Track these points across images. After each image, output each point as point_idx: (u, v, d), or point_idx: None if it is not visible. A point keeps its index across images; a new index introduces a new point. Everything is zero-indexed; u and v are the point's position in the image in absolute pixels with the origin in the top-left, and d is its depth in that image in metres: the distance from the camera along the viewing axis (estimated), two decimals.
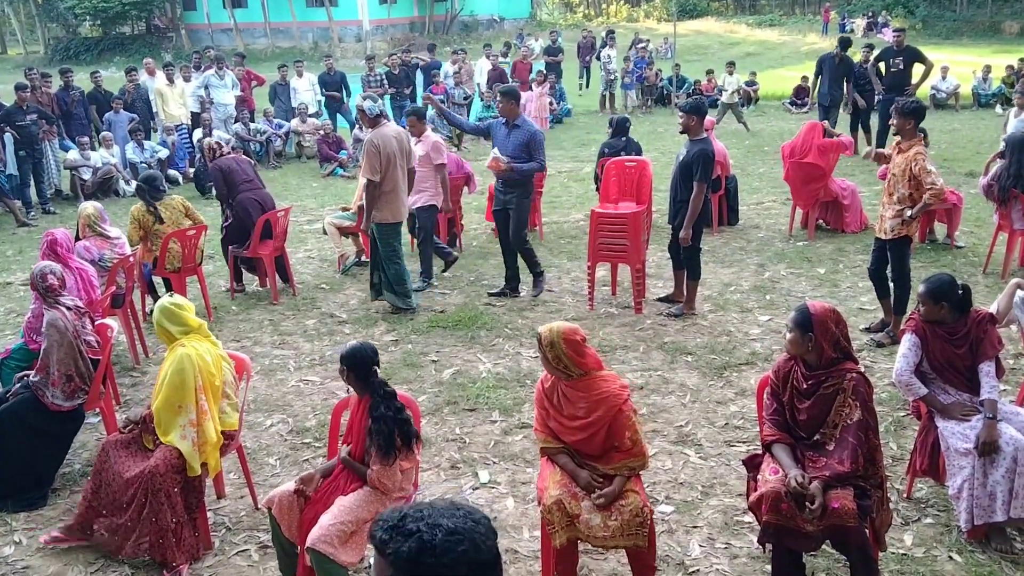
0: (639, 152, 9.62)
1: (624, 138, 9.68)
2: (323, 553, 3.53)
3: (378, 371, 3.90)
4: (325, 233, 9.25)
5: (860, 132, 14.01)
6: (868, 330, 6.78)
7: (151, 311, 6.84)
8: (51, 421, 4.82)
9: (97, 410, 5.33)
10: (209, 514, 4.47)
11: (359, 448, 3.86)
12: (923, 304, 4.35)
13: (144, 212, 7.45)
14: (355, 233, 8.91)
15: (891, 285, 6.51)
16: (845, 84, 13.86)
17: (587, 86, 22.96)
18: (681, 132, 7.03)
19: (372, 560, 1.78)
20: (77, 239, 6.76)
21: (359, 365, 3.84)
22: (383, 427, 3.74)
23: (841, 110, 14.47)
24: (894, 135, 6.55)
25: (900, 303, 6.49)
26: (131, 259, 6.99)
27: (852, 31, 32.73)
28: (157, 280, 7.82)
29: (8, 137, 11.90)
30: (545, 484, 3.77)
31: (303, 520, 3.74)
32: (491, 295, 7.90)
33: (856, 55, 14.79)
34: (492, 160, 7.45)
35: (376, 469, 3.74)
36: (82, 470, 5.14)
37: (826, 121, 11.91)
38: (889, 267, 6.48)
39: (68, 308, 4.95)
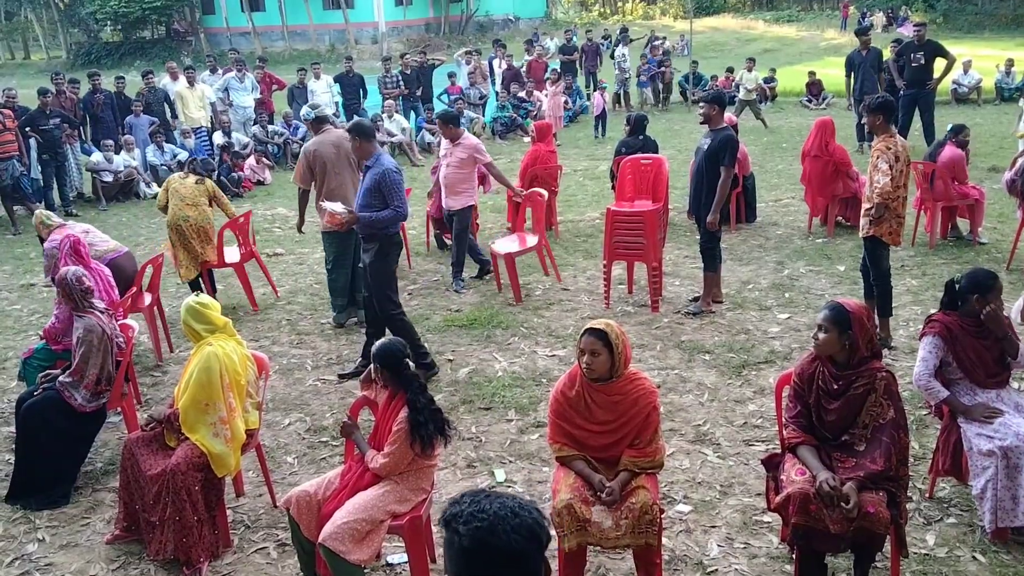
0: (656, 150, 9.59)
1: (641, 136, 9.64)
2: (335, 551, 3.54)
3: (410, 364, 3.92)
4: None
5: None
6: None
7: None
8: (75, 421, 4.87)
9: (119, 409, 5.37)
10: (228, 512, 4.50)
11: (383, 447, 3.88)
12: (971, 299, 4.22)
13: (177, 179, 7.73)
14: None
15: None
16: (878, 76, 13.45)
17: (594, 89, 20.45)
18: (701, 123, 7.02)
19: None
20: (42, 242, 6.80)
21: (391, 360, 3.88)
22: (422, 417, 3.77)
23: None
24: (869, 132, 6.44)
25: (882, 305, 6.33)
26: (160, 256, 7.11)
27: (872, 26, 32.46)
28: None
29: (32, 141, 12.03)
30: (557, 488, 3.76)
31: (321, 518, 3.74)
32: (342, 377, 6.39)
33: (885, 51, 14.57)
34: (327, 215, 6.06)
35: (378, 455, 3.82)
36: (104, 468, 5.19)
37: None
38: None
39: (101, 311, 5.00)
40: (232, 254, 8.08)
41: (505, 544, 1.78)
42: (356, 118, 6.65)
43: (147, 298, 6.84)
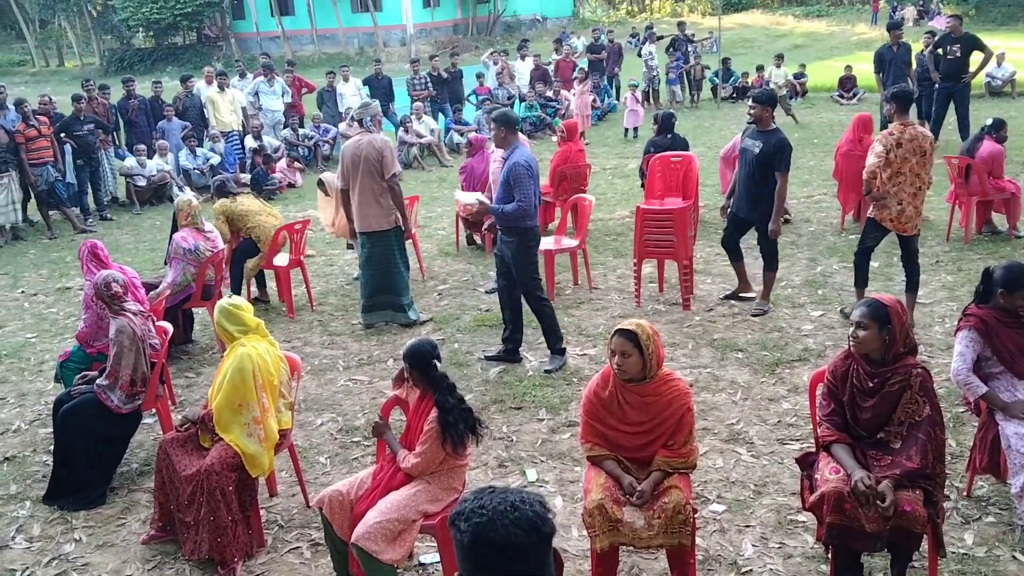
0: (685, 147, 9.53)
1: (670, 135, 9.59)
2: (367, 551, 3.55)
3: (439, 365, 3.93)
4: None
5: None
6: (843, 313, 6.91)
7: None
8: (111, 423, 4.92)
9: (153, 410, 5.43)
10: (262, 512, 4.53)
11: (414, 446, 3.89)
12: (1006, 294, 4.17)
13: (228, 203, 7.77)
14: None
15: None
16: (908, 71, 13.09)
17: (616, 96, 20.51)
18: (750, 123, 6.93)
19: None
20: (174, 229, 7.04)
21: (420, 360, 3.89)
22: (451, 417, 3.78)
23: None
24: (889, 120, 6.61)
25: (856, 276, 6.88)
26: (221, 253, 7.22)
27: (903, 21, 32.03)
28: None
29: (67, 147, 12.21)
30: (589, 487, 3.75)
31: (354, 518, 3.76)
32: (488, 358, 6.60)
33: (917, 44, 14.36)
34: (460, 205, 6.33)
35: (410, 454, 3.84)
36: (139, 469, 5.25)
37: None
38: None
39: (134, 313, 5.06)
40: (281, 258, 8.14)
41: (504, 538, 1.76)
42: (501, 109, 6.74)
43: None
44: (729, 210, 7.35)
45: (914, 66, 13.24)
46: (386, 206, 7.09)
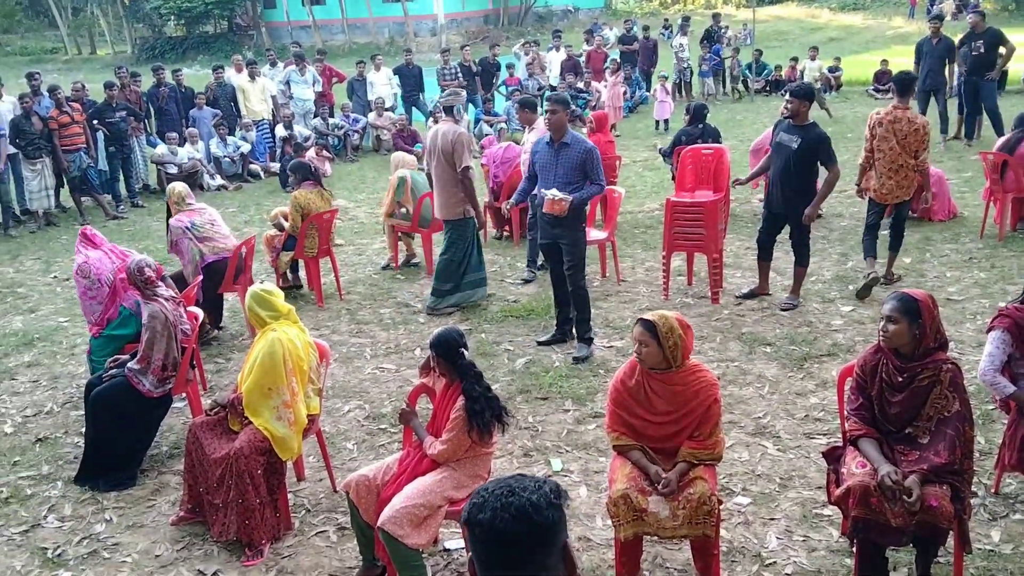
0: (717, 138, 9.46)
1: (701, 125, 9.53)
2: (392, 535, 3.58)
3: (466, 353, 3.94)
4: (382, 232, 9.26)
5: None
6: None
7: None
8: (142, 406, 4.99)
9: (183, 394, 5.50)
10: (289, 496, 4.58)
11: (441, 434, 3.91)
12: None
13: (307, 195, 7.83)
14: (409, 234, 8.93)
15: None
16: (947, 67, 12.89)
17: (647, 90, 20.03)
18: (786, 118, 6.87)
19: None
20: (169, 216, 7.14)
21: (446, 348, 3.90)
22: (478, 406, 3.79)
23: (948, 96, 13.34)
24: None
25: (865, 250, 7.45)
26: (252, 239, 7.31)
27: (943, 14, 31.49)
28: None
29: (99, 134, 12.36)
30: (614, 477, 3.75)
31: (380, 503, 3.79)
32: (541, 343, 6.69)
33: (957, 37, 14.13)
34: (549, 202, 6.11)
35: (436, 441, 3.86)
36: (169, 452, 5.32)
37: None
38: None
39: (166, 299, 5.12)
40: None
41: (488, 521, 1.72)
42: (556, 92, 6.82)
43: None
44: (763, 208, 7.30)
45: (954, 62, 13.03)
46: (459, 196, 7.21)
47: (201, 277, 6.70)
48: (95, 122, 12.21)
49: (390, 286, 8.35)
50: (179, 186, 7.27)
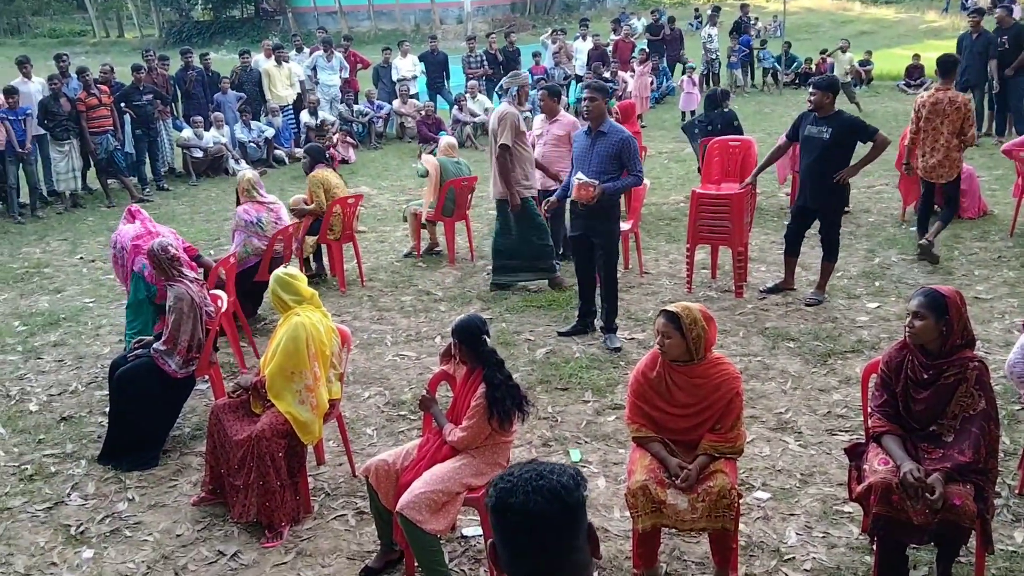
0: (731, 120, 9.32)
1: (717, 110, 9.42)
2: (411, 520, 3.59)
3: (488, 340, 3.94)
4: (404, 220, 9.26)
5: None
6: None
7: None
8: (166, 387, 5.04)
9: (207, 376, 5.53)
10: (309, 479, 4.60)
11: (461, 421, 3.91)
12: None
13: (323, 174, 7.90)
14: (432, 222, 8.90)
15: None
16: (988, 62, 12.62)
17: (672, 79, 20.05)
18: (811, 110, 6.79)
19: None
20: (238, 203, 7.21)
21: (468, 335, 3.90)
22: (499, 393, 3.79)
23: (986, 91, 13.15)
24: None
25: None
26: (290, 228, 7.32)
27: (980, 8, 30.99)
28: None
29: (126, 116, 12.44)
30: (633, 468, 3.74)
31: (399, 488, 3.80)
32: (562, 334, 6.63)
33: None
34: (579, 187, 6.00)
35: (456, 428, 3.87)
36: (191, 433, 5.37)
37: None
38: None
39: (191, 280, 5.15)
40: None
41: (522, 505, 1.72)
42: (595, 80, 6.82)
43: None
44: (793, 203, 7.24)
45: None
46: (497, 185, 7.31)
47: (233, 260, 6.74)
48: (122, 105, 12.30)
49: (412, 274, 8.36)
50: (249, 174, 7.30)
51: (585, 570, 1.78)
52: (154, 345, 5.06)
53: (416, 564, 3.82)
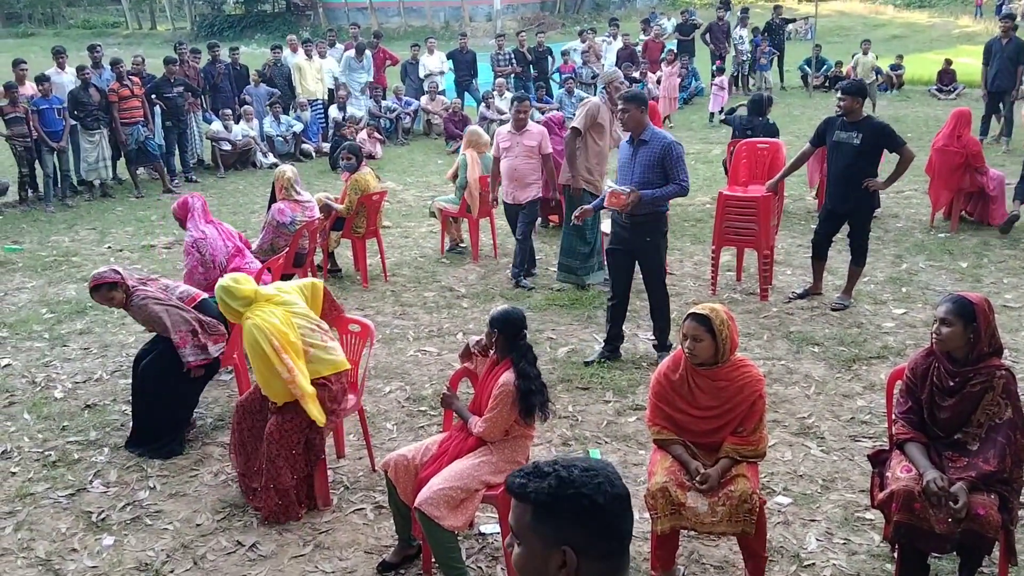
0: (772, 132, 9.27)
1: (760, 118, 9.36)
2: (429, 516, 3.59)
3: (527, 335, 3.93)
4: (433, 215, 9.27)
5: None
6: None
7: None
8: (184, 377, 5.04)
9: (231, 367, 5.56)
10: (329, 473, 4.61)
11: (482, 414, 3.91)
12: None
13: (366, 177, 7.91)
14: (456, 218, 8.88)
15: None
16: (1018, 69, 12.49)
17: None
18: (839, 115, 6.72)
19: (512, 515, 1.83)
20: (272, 200, 7.22)
21: (510, 327, 3.89)
22: (532, 386, 3.79)
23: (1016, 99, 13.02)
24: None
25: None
26: (316, 223, 7.35)
27: (1013, 14, 30.57)
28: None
29: (157, 108, 12.55)
30: (653, 470, 3.72)
31: (418, 483, 3.80)
32: (588, 364, 6.11)
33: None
34: (610, 196, 5.79)
35: (479, 419, 3.87)
36: (213, 424, 5.40)
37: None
38: None
39: (141, 285, 5.09)
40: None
41: (622, 487, 1.74)
42: (634, 89, 6.58)
43: None
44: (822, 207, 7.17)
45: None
46: (576, 167, 7.30)
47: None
48: (152, 97, 12.40)
49: (435, 270, 8.37)
50: (289, 171, 7.23)
51: None
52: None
53: (433, 560, 3.82)
